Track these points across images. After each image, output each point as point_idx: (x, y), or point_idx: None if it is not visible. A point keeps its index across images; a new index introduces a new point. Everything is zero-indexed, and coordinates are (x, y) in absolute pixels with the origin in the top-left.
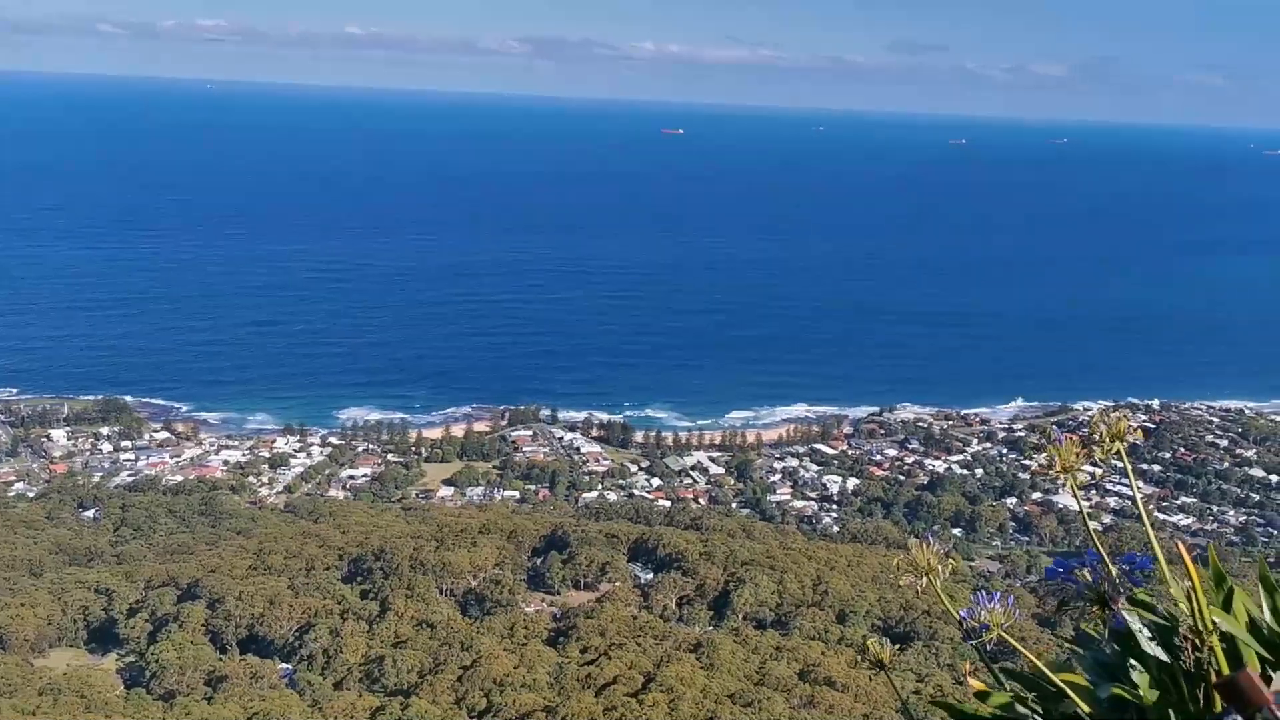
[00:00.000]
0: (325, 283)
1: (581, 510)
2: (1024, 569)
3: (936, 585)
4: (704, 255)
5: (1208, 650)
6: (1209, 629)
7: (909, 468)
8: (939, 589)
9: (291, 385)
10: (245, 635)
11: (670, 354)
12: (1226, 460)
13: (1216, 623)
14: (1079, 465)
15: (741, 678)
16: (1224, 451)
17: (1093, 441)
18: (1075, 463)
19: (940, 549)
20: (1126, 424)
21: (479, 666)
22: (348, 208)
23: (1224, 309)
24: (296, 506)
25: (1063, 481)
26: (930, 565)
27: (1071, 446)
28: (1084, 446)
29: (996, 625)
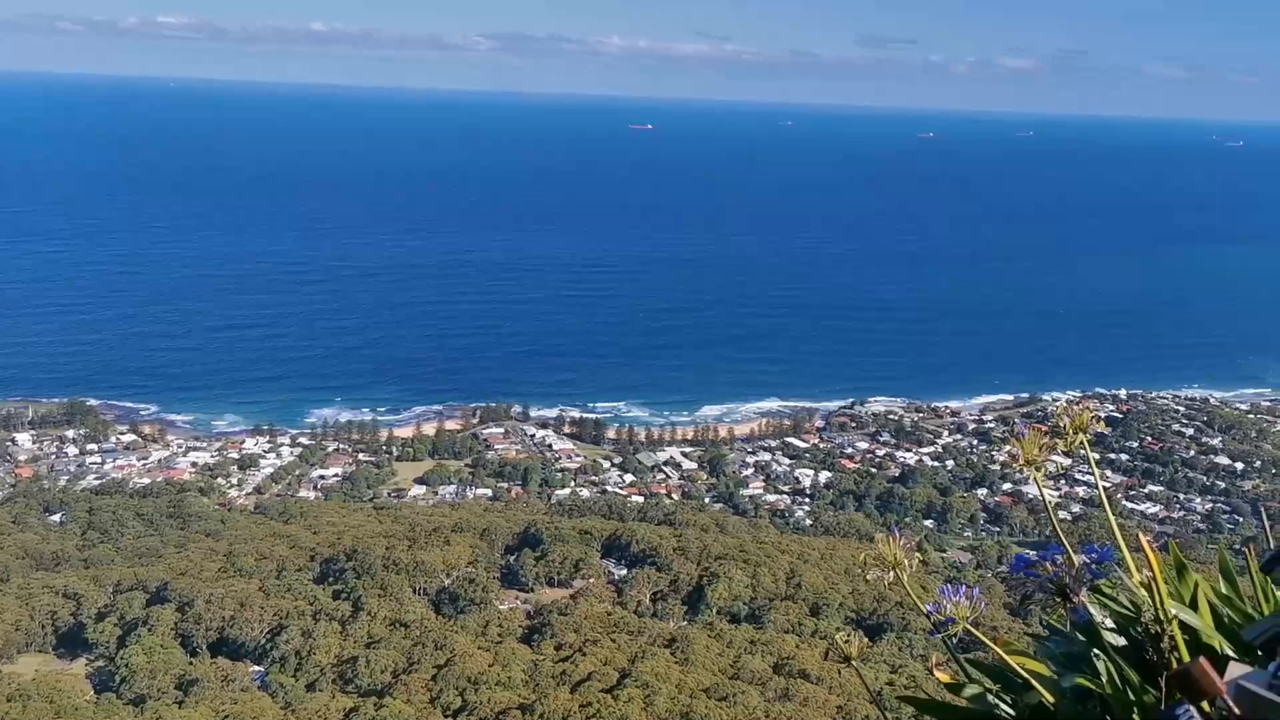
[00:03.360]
0: (293, 282)
1: (554, 507)
2: (995, 559)
3: (904, 579)
4: (675, 250)
5: (1168, 639)
6: (1168, 618)
7: (880, 460)
8: (906, 582)
9: (260, 386)
10: (216, 638)
11: (642, 350)
12: (1193, 449)
13: (1175, 612)
14: (1042, 458)
15: (716, 672)
16: (1190, 440)
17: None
18: (1038, 456)
19: (907, 542)
20: (1089, 416)
21: (453, 665)
22: (313, 206)
23: (1189, 299)
24: (267, 507)
25: (1027, 474)
26: (897, 559)
27: (1034, 439)
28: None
29: (962, 618)
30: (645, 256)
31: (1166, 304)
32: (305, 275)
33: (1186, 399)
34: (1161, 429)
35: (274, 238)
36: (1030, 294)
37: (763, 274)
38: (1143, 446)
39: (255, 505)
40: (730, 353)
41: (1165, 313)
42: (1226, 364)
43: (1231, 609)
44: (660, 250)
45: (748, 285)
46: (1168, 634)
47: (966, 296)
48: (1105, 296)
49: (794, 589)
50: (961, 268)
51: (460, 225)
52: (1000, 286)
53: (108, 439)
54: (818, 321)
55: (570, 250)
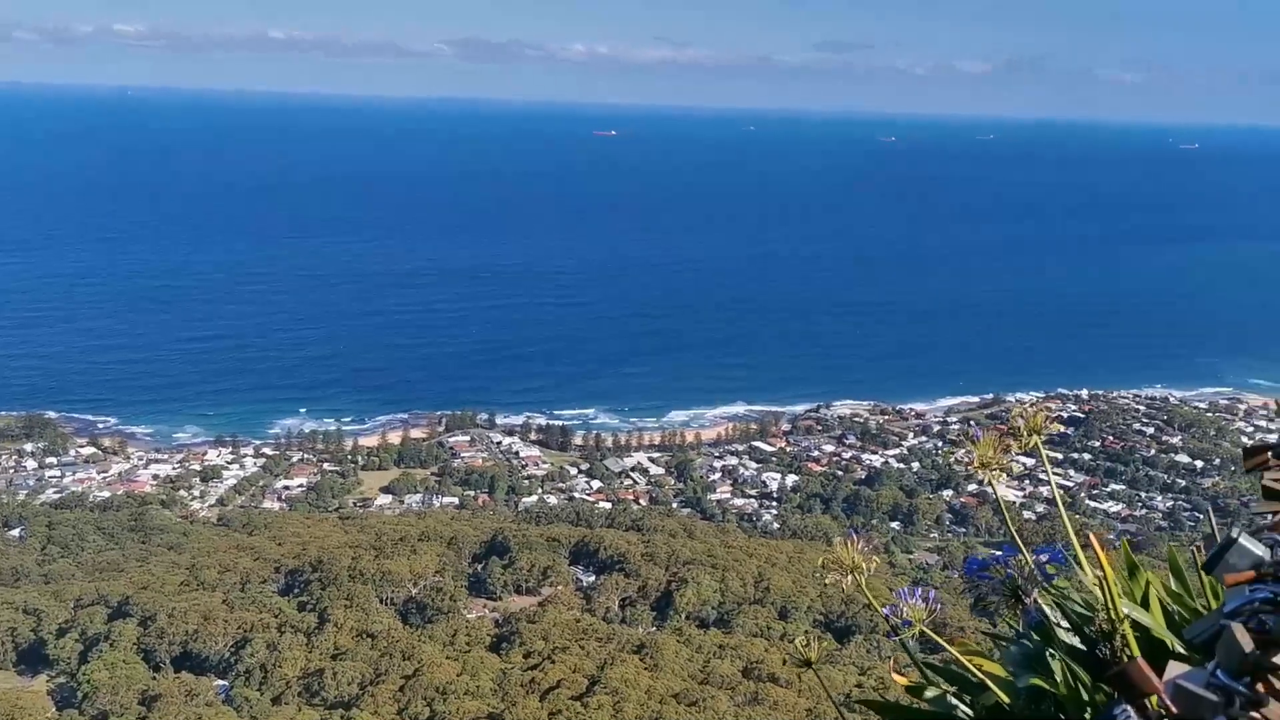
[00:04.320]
0: (254, 292)
1: (522, 515)
2: (961, 560)
3: (861, 582)
4: (640, 256)
5: (1120, 639)
6: (1120, 618)
7: (846, 463)
8: (864, 585)
9: (222, 397)
10: (179, 652)
11: (608, 356)
12: (1153, 447)
13: (1127, 611)
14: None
15: (685, 677)
16: (1151, 439)
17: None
18: (992, 458)
19: (865, 545)
20: (1044, 417)
21: (421, 675)
22: (273, 214)
23: (1149, 299)
24: (230, 519)
25: (982, 477)
26: (855, 562)
27: (989, 442)
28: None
29: (919, 620)
30: (610, 262)
31: (1127, 304)
32: (267, 284)
33: (1147, 398)
34: (1123, 428)
35: (234, 246)
36: (993, 295)
37: (729, 278)
38: (1105, 446)
39: (218, 517)
40: (697, 357)
41: (1126, 313)
42: (1186, 363)
43: (1182, 607)
44: (626, 256)
45: (714, 290)
46: (1120, 633)
47: (930, 298)
48: (1067, 297)
49: (762, 593)
50: (925, 270)
51: (423, 232)
52: (964, 288)
53: (67, 452)
54: (783, 325)
55: (535, 257)
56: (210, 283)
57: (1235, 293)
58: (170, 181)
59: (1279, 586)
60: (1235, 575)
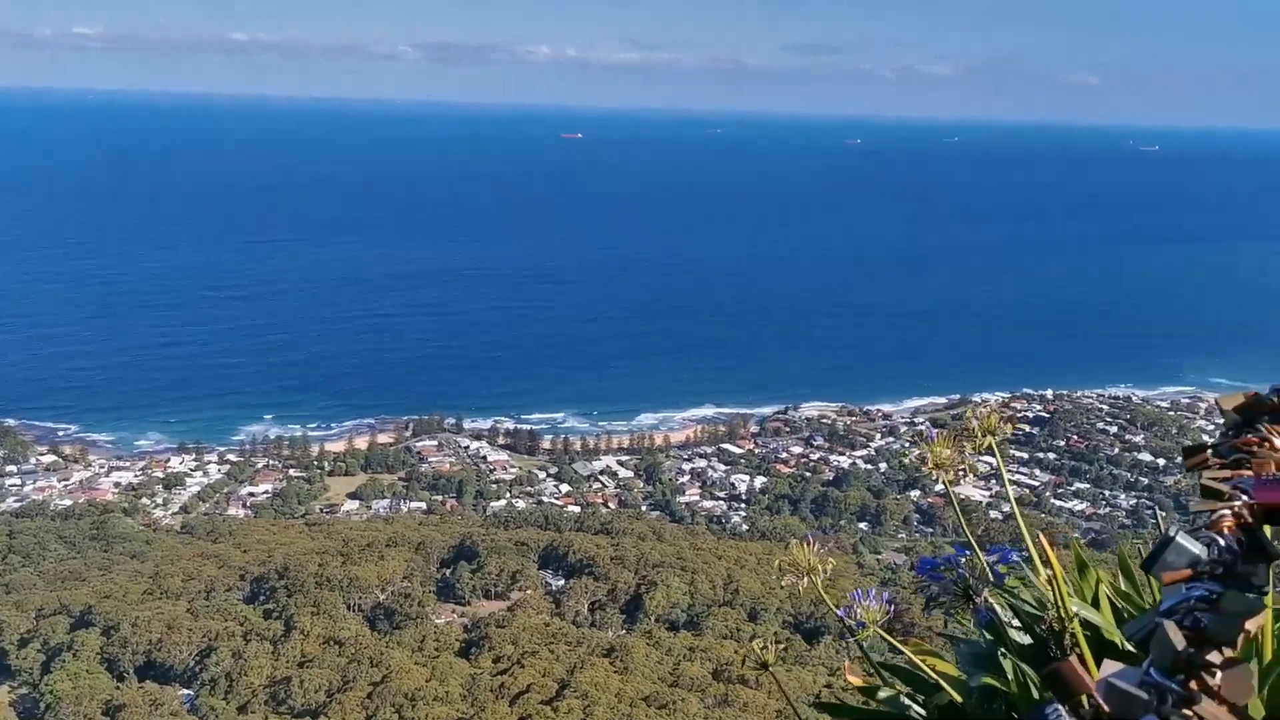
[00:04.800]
0: (217, 298)
1: (490, 519)
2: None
3: (818, 583)
4: (606, 259)
5: (1070, 637)
6: (1070, 616)
7: (815, 464)
8: (820, 587)
9: (185, 404)
10: (143, 662)
11: (577, 359)
12: (1117, 446)
13: (1077, 610)
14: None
15: (655, 680)
16: (1114, 438)
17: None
18: (947, 459)
19: (821, 548)
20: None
21: (389, 682)
22: (236, 218)
23: (1111, 300)
24: (194, 527)
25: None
26: (812, 564)
27: (943, 443)
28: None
29: (872, 622)
30: (576, 266)
31: (1090, 305)
32: (231, 289)
33: (1110, 398)
34: (1087, 427)
35: (197, 251)
36: (960, 297)
37: (694, 281)
38: (1069, 445)
39: (182, 525)
40: (665, 360)
41: (1089, 313)
42: (1148, 363)
43: (1131, 605)
44: (591, 260)
45: (681, 293)
46: (1069, 632)
47: (897, 300)
48: (1032, 298)
49: (731, 595)
50: (891, 271)
51: (389, 236)
52: (930, 290)
53: (27, 460)
54: (751, 327)
55: (502, 260)
56: (173, 288)
57: (1194, 292)
58: (131, 185)
59: (1215, 584)
60: (1172, 573)
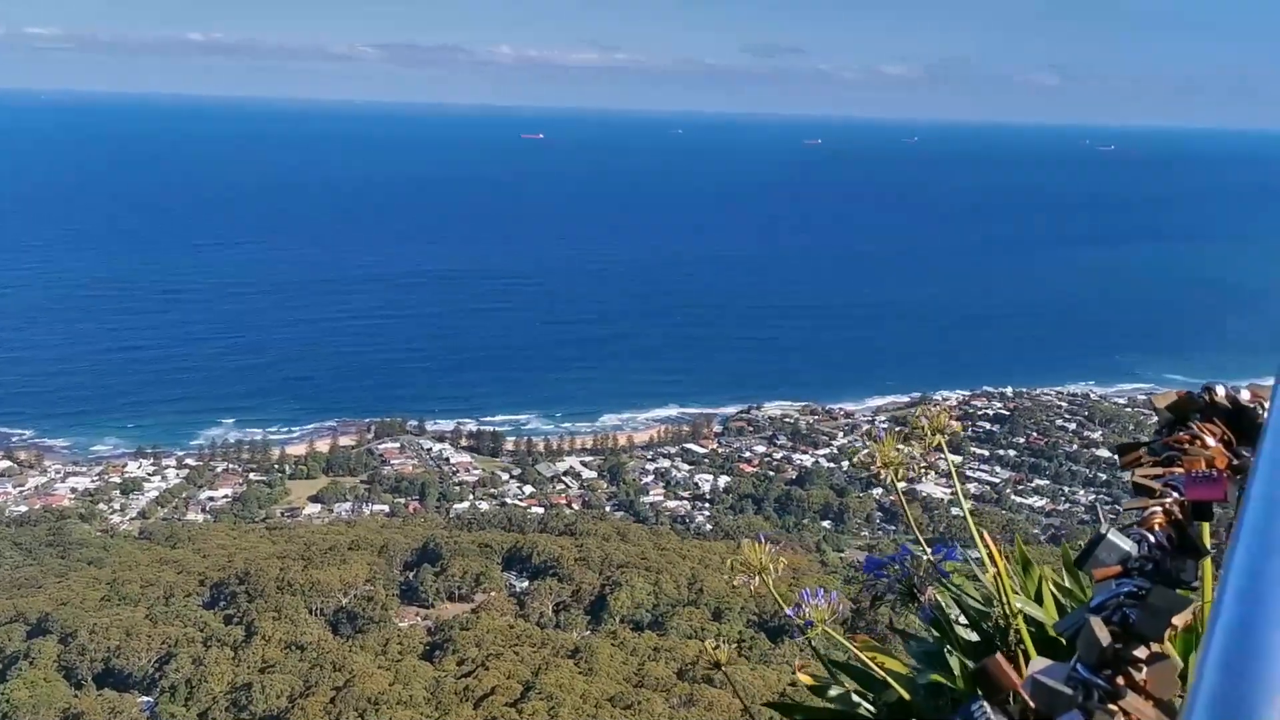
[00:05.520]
0: (174, 300)
1: (453, 521)
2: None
3: (769, 583)
4: (568, 260)
5: (1014, 633)
6: (1014, 613)
7: (778, 463)
8: (771, 587)
9: (143, 408)
10: (101, 669)
11: (539, 360)
12: (1075, 443)
13: (1021, 606)
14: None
15: (620, 680)
16: (1073, 434)
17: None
18: (895, 459)
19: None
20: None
21: (352, 686)
22: (196, 221)
23: (1071, 298)
24: (152, 532)
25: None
26: (762, 563)
27: (890, 442)
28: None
29: (820, 620)
30: (540, 266)
31: (1050, 304)
32: (189, 292)
33: (1069, 395)
34: (1046, 424)
35: (154, 254)
36: (920, 295)
37: (657, 281)
38: (1029, 442)
39: (140, 530)
40: (629, 361)
41: (1048, 312)
42: (1107, 361)
43: (1074, 601)
44: (554, 260)
45: (643, 293)
46: (1013, 628)
47: (858, 299)
48: (993, 297)
49: (696, 594)
50: (852, 271)
51: (350, 238)
52: (891, 289)
53: None
54: (713, 327)
55: (463, 261)
56: (130, 291)
57: (1149, 291)
58: (85, 187)
59: (1144, 580)
60: (1103, 570)
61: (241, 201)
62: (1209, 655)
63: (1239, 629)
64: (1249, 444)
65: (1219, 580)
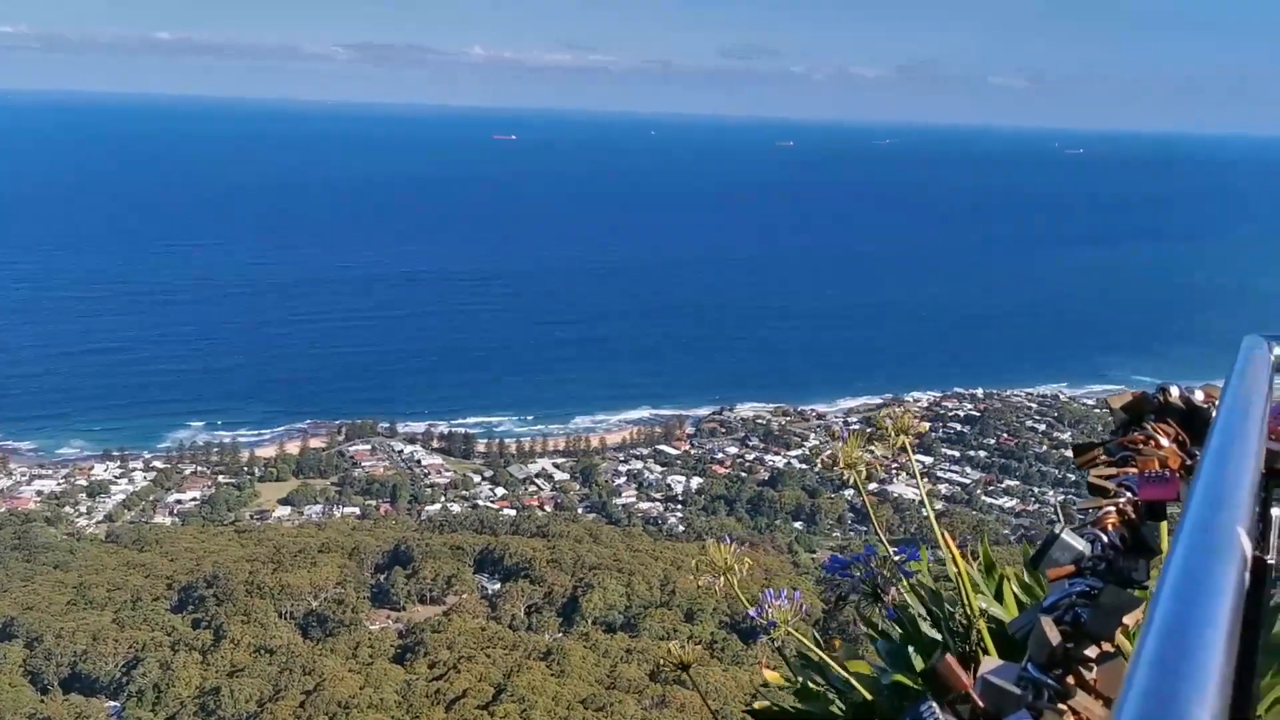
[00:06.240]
0: (143, 302)
1: (425, 523)
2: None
3: (734, 584)
4: (539, 262)
5: (975, 633)
6: (976, 613)
7: (750, 464)
8: (736, 587)
9: (110, 411)
10: (68, 674)
11: (511, 362)
12: (1045, 443)
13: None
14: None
15: (593, 682)
16: (1043, 435)
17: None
18: (858, 459)
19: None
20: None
21: (323, 690)
22: (163, 222)
23: (1042, 300)
24: (119, 535)
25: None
26: (727, 564)
27: (854, 443)
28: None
29: (783, 621)
30: (511, 269)
31: (1021, 306)
32: (158, 294)
33: (1039, 396)
34: (1016, 425)
35: (122, 255)
36: (892, 297)
37: (629, 283)
38: (999, 443)
39: (107, 534)
40: (602, 363)
41: (1018, 314)
42: (1078, 362)
43: (1035, 600)
44: (526, 262)
45: (615, 295)
46: (975, 628)
47: (830, 300)
48: (963, 299)
49: (669, 595)
50: (824, 272)
51: (322, 239)
52: (862, 290)
53: None
54: (686, 328)
55: (434, 263)
56: (97, 292)
57: (1118, 292)
58: (53, 187)
59: (1096, 580)
60: (1057, 569)
61: (210, 202)
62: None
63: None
64: (1201, 444)
65: (1159, 577)
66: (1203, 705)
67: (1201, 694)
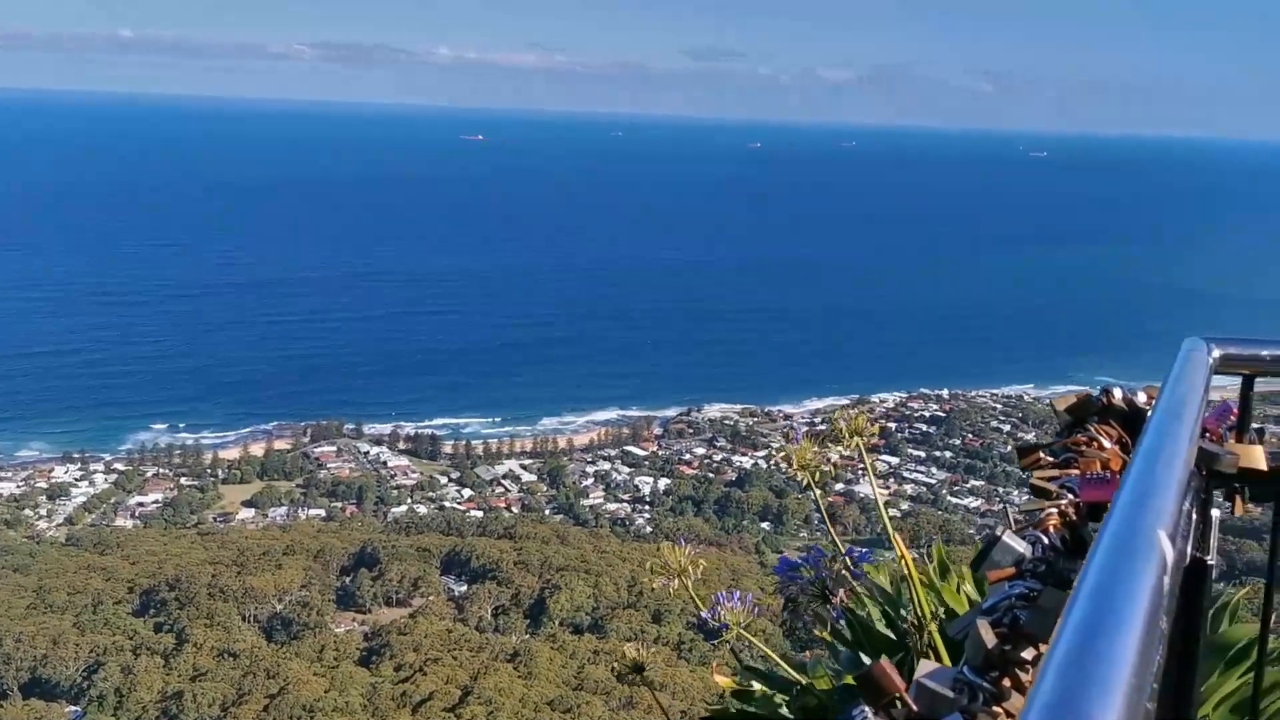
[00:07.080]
0: (102, 304)
1: (391, 525)
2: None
3: (688, 586)
4: (508, 263)
5: (926, 635)
6: (927, 615)
7: (717, 465)
8: (691, 589)
9: (70, 413)
10: (28, 679)
11: (478, 363)
12: (1010, 443)
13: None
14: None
15: (560, 684)
16: (1007, 436)
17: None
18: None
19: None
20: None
21: (287, 693)
22: (123, 223)
23: (1007, 302)
24: (80, 539)
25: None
26: (681, 565)
27: (808, 444)
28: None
29: (735, 624)
30: (479, 269)
31: (987, 308)
32: (119, 294)
33: (1004, 397)
34: (981, 426)
35: (80, 256)
36: (859, 299)
37: (598, 284)
38: (964, 444)
39: (67, 537)
40: (569, 364)
41: (985, 316)
42: (1044, 364)
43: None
44: (494, 263)
45: (584, 297)
46: (926, 630)
47: (797, 302)
48: (929, 301)
49: (636, 597)
50: (791, 274)
51: (288, 240)
52: (829, 292)
53: None
54: (654, 329)
55: (401, 264)
56: (57, 294)
57: (1082, 294)
58: (9, 186)
59: (1035, 582)
60: (998, 572)
61: (175, 202)
62: (1053, 655)
63: (1085, 630)
64: None
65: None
66: (1108, 709)
67: (1108, 697)
